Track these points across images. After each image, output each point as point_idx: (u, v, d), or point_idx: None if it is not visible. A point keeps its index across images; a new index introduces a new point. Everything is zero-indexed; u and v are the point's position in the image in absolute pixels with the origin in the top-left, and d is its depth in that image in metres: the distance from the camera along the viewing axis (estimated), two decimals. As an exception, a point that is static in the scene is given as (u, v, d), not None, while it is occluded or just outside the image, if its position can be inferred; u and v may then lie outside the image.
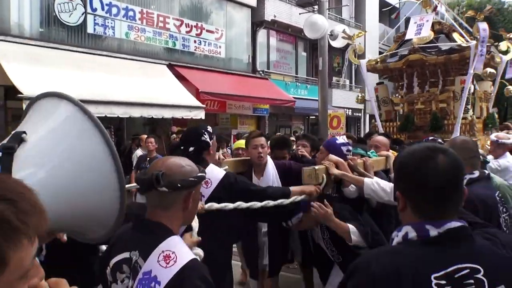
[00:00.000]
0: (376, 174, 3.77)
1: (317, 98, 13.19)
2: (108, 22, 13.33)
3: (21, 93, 9.54)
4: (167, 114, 12.48)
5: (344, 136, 4.15)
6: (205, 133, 3.23)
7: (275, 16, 18.40)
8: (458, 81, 7.14)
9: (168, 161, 1.82)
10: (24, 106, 9.27)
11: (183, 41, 15.49)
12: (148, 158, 8.55)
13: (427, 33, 7.25)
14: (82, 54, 12.35)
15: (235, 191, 3.12)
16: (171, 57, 15.05)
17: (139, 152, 9.59)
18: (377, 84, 8.43)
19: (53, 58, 11.40)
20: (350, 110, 22.33)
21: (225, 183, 3.13)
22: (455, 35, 7.57)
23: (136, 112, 11.72)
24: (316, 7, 14.10)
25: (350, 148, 3.80)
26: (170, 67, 14.63)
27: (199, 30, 16.01)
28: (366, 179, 3.40)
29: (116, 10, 13.54)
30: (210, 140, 3.24)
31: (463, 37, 7.40)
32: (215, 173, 3.15)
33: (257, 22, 18.31)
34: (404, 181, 1.53)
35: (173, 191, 1.72)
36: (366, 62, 8.06)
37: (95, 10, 13.01)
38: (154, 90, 12.69)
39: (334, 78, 22.23)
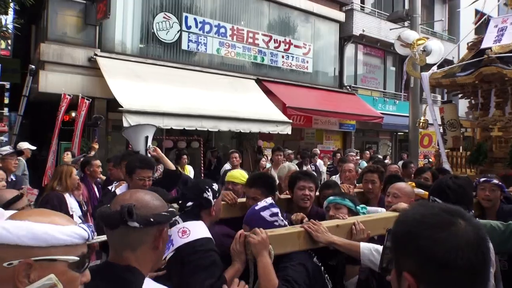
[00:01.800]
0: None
1: (406, 114, 12.83)
2: (201, 39, 13.94)
3: (121, 106, 10.22)
4: (255, 128, 12.74)
5: (269, 198, 2.99)
6: (209, 190, 2.84)
7: (363, 31, 18.19)
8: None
9: (137, 194, 1.64)
10: (123, 119, 9.97)
11: (271, 56, 15.78)
12: None
13: (509, 39, 5.66)
14: (176, 69, 13.01)
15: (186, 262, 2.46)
16: (259, 72, 15.38)
17: (227, 166, 9.86)
18: (443, 103, 7.25)
19: (150, 74, 12.13)
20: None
21: (197, 246, 2.50)
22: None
23: (224, 126, 12.10)
24: (407, 22, 13.77)
25: (275, 210, 2.79)
26: (258, 81, 14.95)
27: (287, 45, 16.23)
28: (362, 245, 2.67)
29: (209, 27, 14.12)
30: (214, 199, 2.84)
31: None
32: (198, 231, 2.61)
33: (345, 36, 18.20)
34: (416, 258, 1.13)
35: (143, 227, 1.52)
36: (429, 76, 6.60)
37: (190, 27, 13.68)
38: (243, 104, 13.04)
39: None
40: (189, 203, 2.79)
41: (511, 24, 5.69)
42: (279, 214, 2.79)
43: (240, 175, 4.31)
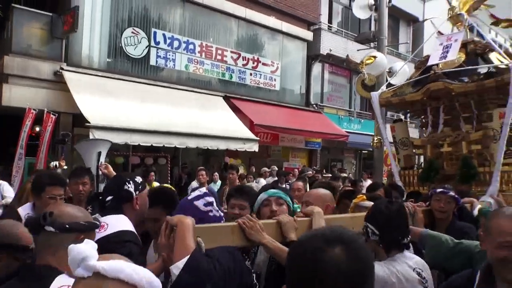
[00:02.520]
0: None
1: (371, 133, 13.08)
2: (169, 55, 13.90)
3: (88, 122, 10.06)
4: (222, 145, 12.76)
5: (203, 188, 2.93)
6: (130, 182, 2.75)
7: (330, 50, 18.54)
8: (496, 115, 5.54)
9: (63, 205, 1.87)
10: (90, 134, 9.81)
11: (239, 73, 15.86)
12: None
13: (454, 56, 5.72)
14: (144, 85, 12.90)
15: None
16: (227, 89, 15.42)
17: (194, 184, 9.83)
18: (394, 122, 7.11)
19: (117, 89, 12.00)
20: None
21: (111, 238, 2.43)
22: (492, 56, 5.95)
23: (192, 143, 12.07)
24: (373, 44, 14.13)
25: (210, 199, 2.54)
26: (226, 98, 14.98)
27: (255, 63, 16.37)
28: None
29: (178, 43, 14.11)
30: (136, 191, 2.75)
31: (504, 57, 5.78)
32: (116, 224, 2.53)
33: (312, 55, 18.49)
34: (288, 277, 1.20)
35: (60, 233, 1.69)
36: (378, 95, 6.58)
37: (158, 43, 13.62)
38: (210, 121, 13.04)
39: (389, 113, 21.99)
40: (109, 197, 2.67)
41: (455, 41, 5.76)
42: (214, 204, 2.54)
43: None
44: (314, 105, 18.47)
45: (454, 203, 3.91)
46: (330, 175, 13.07)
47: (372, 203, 3.23)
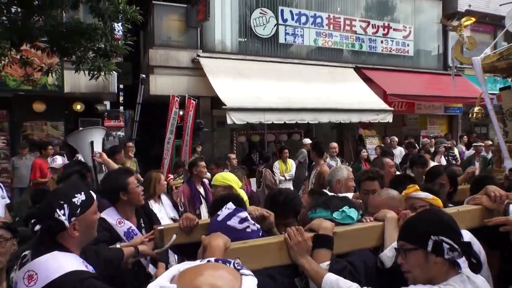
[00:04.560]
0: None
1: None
2: (297, 31, 14.02)
3: (224, 104, 10.70)
4: (355, 118, 12.64)
5: (230, 203, 2.41)
6: (64, 206, 2.10)
7: (470, 6, 17.02)
8: None
9: None
10: (227, 116, 10.44)
11: (370, 42, 15.42)
12: None
13: None
14: (274, 63, 13.27)
15: None
16: (358, 59, 15.14)
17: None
18: (501, 89, 6.10)
19: (249, 70, 12.52)
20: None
21: None
22: None
23: (324, 118, 12.15)
24: (519, -5, 12.71)
25: (244, 214, 2.31)
26: (357, 69, 14.74)
27: (386, 30, 15.76)
28: (327, 277, 2.10)
29: (305, 18, 14.15)
30: (73, 216, 2.12)
31: None
32: (48, 270, 1.99)
33: (449, 14, 17.17)
34: None
35: None
36: (481, 60, 5.58)
37: (286, 20, 13.81)
38: (342, 94, 12.98)
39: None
40: (37, 227, 2.09)
41: None
42: (249, 218, 2.33)
43: (221, 177, 4.02)
44: (455, 69, 17.22)
45: None
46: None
47: (428, 194, 2.87)
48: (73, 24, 6.54)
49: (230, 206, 2.34)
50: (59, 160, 6.70)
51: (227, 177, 3.97)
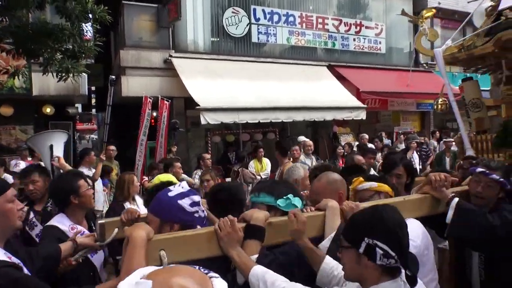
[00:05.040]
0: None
1: (488, 89, 12.14)
2: (270, 30, 14.01)
3: (198, 105, 10.61)
4: (329, 116, 12.71)
5: (184, 183, 2.33)
6: None
7: (439, 3, 17.30)
8: None
9: None
10: (201, 117, 10.35)
11: (342, 40, 15.52)
12: None
13: None
14: (248, 63, 13.23)
15: None
16: (331, 57, 15.22)
17: (301, 158, 9.86)
18: (463, 81, 6.08)
19: (223, 70, 12.45)
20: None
21: None
22: None
23: (298, 116, 12.18)
24: (486, -8, 12.97)
25: (197, 198, 2.20)
26: (330, 67, 14.81)
27: (358, 28, 15.88)
28: (254, 269, 2.03)
29: (278, 17, 14.15)
30: None
31: None
32: None
33: (420, 11, 17.37)
34: None
35: None
36: (442, 52, 5.54)
37: (258, 19, 13.79)
38: (316, 92, 13.02)
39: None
40: None
41: None
42: (201, 204, 2.22)
43: (157, 179, 4.29)
44: (424, 65, 17.49)
45: (498, 188, 2.95)
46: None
47: (373, 183, 2.79)
48: (39, 24, 6.37)
49: (185, 186, 2.24)
50: (22, 165, 6.55)
51: (160, 178, 4.17)
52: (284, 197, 2.36)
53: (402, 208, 2.11)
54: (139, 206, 5.27)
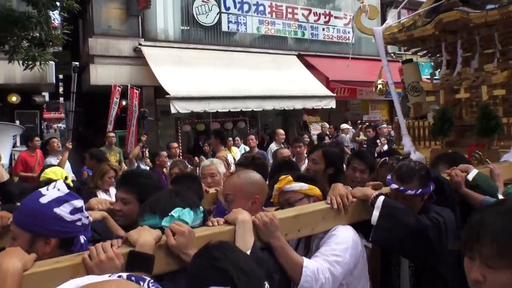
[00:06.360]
0: None
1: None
2: (240, 19, 14.05)
3: (168, 93, 10.63)
4: (298, 105, 12.89)
5: (60, 181, 1.81)
6: None
7: (407, -6, 17.59)
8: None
9: None
10: (171, 105, 10.36)
11: (312, 30, 15.69)
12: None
13: None
14: (218, 52, 13.25)
15: None
16: (301, 46, 15.37)
17: (273, 146, 9.98)
18: (402, 63, 5.89)
19: (193, 58, 12.45)
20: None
21: None
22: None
23: (268, 105, 12.33)
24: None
25: (79, 203, 1.76)
26: (300, 57, 14.96)
27: (327, 17, 16.07)
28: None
29: (248, 6, 14.20)
30: None
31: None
32: None
33: (387, 2, 17.71)
34: None
35: None
36: (383, 31, 5.26)
37: (229, 9, 13.81)
38: (285, 81, 13.16)
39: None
40: None
41: None
42: (84, 209, 1.79)
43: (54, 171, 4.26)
44: (392, 54, 17.81)
45: (419, 199, 2.56)
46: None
47: (303, 184, 2.41)
48: (5, 12, 6.30)
49: (61, 186, 1.76)
50: None
51: (48, 173, 4.17)
52: (169, 215, 1.82)
53: (330, 216, 2.12)
54: (111, 195, 5.31)
